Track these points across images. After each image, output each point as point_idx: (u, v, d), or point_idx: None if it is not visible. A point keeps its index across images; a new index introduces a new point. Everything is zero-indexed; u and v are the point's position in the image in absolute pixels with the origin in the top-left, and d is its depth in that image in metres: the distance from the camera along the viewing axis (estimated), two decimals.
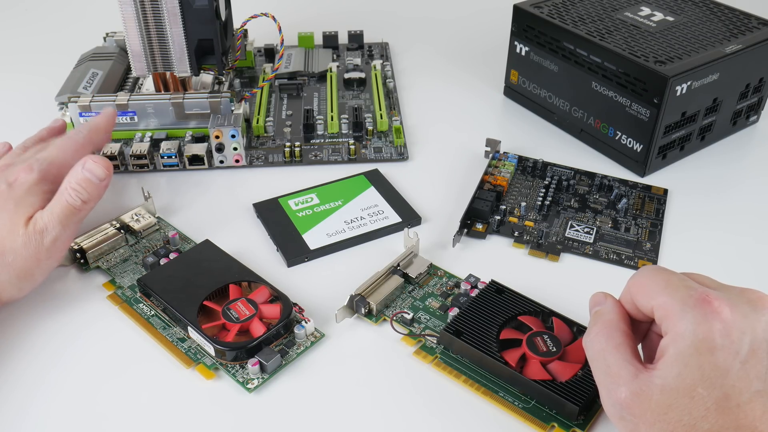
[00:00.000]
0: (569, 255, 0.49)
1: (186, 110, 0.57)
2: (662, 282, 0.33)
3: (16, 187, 0.43)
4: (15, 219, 0.42)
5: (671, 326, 0.31)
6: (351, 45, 0.75)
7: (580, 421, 0.37)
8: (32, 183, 0.44)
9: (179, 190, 0.55)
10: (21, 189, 0.43)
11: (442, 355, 0.41)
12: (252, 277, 0.44)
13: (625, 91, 0.54)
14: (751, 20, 0.59)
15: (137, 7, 0.54)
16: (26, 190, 0.43)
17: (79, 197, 0.43)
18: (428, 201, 0.53)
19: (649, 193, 0.54)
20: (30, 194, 0.43)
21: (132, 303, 0.44)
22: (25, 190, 0.43)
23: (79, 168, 0.44)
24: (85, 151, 0.48)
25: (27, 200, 0.43)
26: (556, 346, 0.39)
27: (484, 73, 0.71)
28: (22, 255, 0.41)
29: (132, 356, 0.41)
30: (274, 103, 0.65)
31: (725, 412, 0.29)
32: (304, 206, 0.52)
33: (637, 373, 0.31)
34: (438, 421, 0.38)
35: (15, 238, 0.41)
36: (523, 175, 0.56)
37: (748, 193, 0.55)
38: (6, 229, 0.42)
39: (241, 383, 0.39)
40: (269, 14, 0.61)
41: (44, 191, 0.44)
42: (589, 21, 0.59)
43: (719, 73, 0.54)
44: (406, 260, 0.46)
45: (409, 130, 0.63)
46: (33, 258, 0.42)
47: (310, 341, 0.42)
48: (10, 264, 0.41)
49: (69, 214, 0.43)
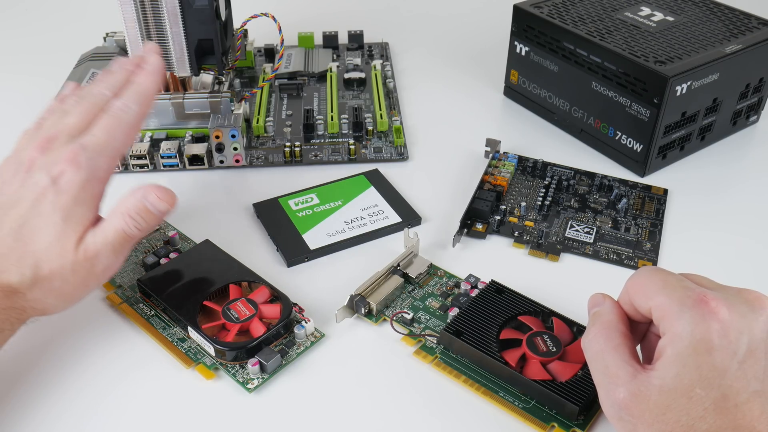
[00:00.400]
0: (569, 255, 0.49)
1: (186, 110, 0.57)
2: (660, 283, 0.33)
3: (63, 189, 0.38)
4: (64, 239, 0.38)
5: (669, 327, 0.31)
6: (351, 45, 0.75)
7: (580, 421, 0.37)
8: (80, 185, 0.39)
9: (179, 190, 0.54)
10: (68, 195, 0.38)
11: (442, 355, 0.41)
12: (252, 277, 0.44)
13: (625, 91, 0.54)
14: (751, 20, 0.59)
15: (137, 7, 0.54)
16: (74, 198, 0.39)
17: (136, 227, 0.40)
18: (428, 201, 0.54)
19: (649, 193, 0.54)
20: (78, 203, 0.39)
21: (132, 303, 0.44)
22: (73, 198, 0.39)
23: (140, 197, 0.40)
24: (135, 131, 0.42)
25: (76, 213, 0.39)
26: (556, 346, 0.39)
27: (484, 73, 0.71)
28: (69, 281, 0.38)
29: (132, 356, 0.41)
30: (274, 103, 0.65)
31: (723, 413, 0.29)
32: (304, 206, 0.52)
33: (636, 374, 0.31)
34: (438, 421, 0.38)
35: (64, 262, 0.38)
36: (523, 175, 0.56)
37: (748, 193, 0.55)
38: (54, 252, 0.38)
39: (241, 383, 0.39)
40: (269, 14, 0.61)
41: (93, 195, 0.40)
42: (589, 21, 0.59)
43: (719, 73, 0.54)
44: (406, 260, 0.46)
45: (409, 130, 0.63)
46: (81, 284, 0.39)
47: (310, 341, 0.42)
48: (58, 289, 0.38)
49: (123, 242, 0.39)
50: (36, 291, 0.38)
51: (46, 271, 0.38)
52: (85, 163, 0.39)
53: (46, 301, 0.39)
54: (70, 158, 0.39)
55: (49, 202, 0.38)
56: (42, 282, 0.38)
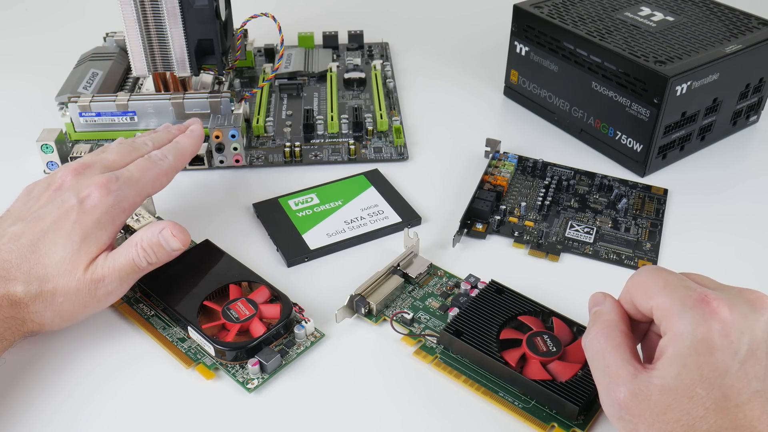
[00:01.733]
0: (569, 255, 0.49)
1: (186, 110, 0.57)
2: (661, 282, 0.33)
3: (87, 210, 0.40)
4: (76, 257, 0.39)
5: (670, 326, 0.31)
6: (351, 45, 0.75)
7: (580, 421, 0.37)
8: (104, 210, 0.40)
9: (179, 190, 0.55)
10: (91, 217, 0.40)
11: (442, 355, 0.41)
12: (252, 277, 0.44)
13: (625, 91, 0.54)
14: (751, 20, 0.59)
15: (137, 7, 0.54)
16: (96, 221, 0.40)
17: (146, 260, 0.41)
18: (428, 201, 0.54)
19: (649, 193, 0.54)
20: (99, 227, 0.40)
21: (132, 303, 0.44)
22: (96, 221, 0.40)
23: (156, 231, 0.41)
24: (167, 178, 0.45)
25: (94, 236, 0.40)
26: (556, 346, 0.39)
27: (484, 73, 0.71)
28: (71, 299, 0.39)
29: (132, 356, 0.41)
30: (274, 103, 0.65)
31: (724, 413, 0.29)
32: (304, 206, 0.52)
33: (636, 373, 0.31)
34: (438, 422, 0.38)
35: (70, 280, 0.39)
36: (523, 175, 0.56)
37: (748, 193, 0.55)
38: (64, 267, 0.39)
39: (241, 383, 0.39)
40: (269, 14, 0.61)
41: (114, 223, 0.41)
42: (589, 21, 0.59)
43: (719, 73, 0.54)
44: (406, 260, 0.46)
45: (409, 130, 0.63)
46: (82, 305, 0.40)
47: (310, 341, 0.42)
48: (59, 305, 0.39)
49: (131, 272, 0.40)
50: (38, 303, 0.39)
51: (51, 285, 0.39)
52: (114, 191, 0.41)
53: (45, 315, 0.39)
54: (101, 183, 0.41)
55: (71, 221, 0.40)
56: (45, 295, 0.39)
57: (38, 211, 0.41)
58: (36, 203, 0.42)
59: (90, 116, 0.56)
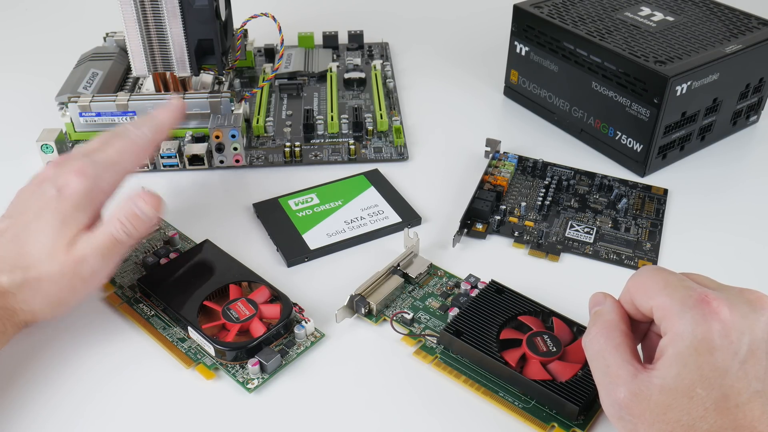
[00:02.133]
0: (569, 255, 0.49)
1: (186, 110, 0.57)
2: (661, 282, 0.33)
3: (66, 196, 0.40)
4: (57, 242, 0.39)
5: (670, 326, 0.31)
6: (351, 45, 0.75)
7: (580, 421, 0.37)
8: (83, 193, 0.41)
9: (179, 190, 0.55)
10: (70, 202, 0.40)
11: (442, 355, 0.41)
12: (252, 277, 0.44)
13: (625, 91, 0.54)
14: (751, 20, 0.59)
15: (137, 7, 0.54)
16: (74, 205, 0.40)
17: (124, 231, 0.40)
18: (428, 201, 0.54)
19: (649, 193, 0.54)
20: (78, 209, 0.40)
21: (132, 303, 0.44)
22: (74, 205, 0.40)
23: (130, 202, 0.41)
24: (147, 154, 0.46)
25: (73, 218, 0.40)
26: (556, 346, 0.39)
27: (484, 73, 0.71)
28: (57, 283, 0.39)
29: (132, 356, 0.41)
30: (274, 103, 0.65)
31: (724, 413, 0.29)
32: (304, 206, 0.52)
33: (636, 373, 0.31)
34: (438, 422, 0.38)
35: (53, 264, 0.39)
36: (523, 175, 0.56)
37: (748, 193, 0.55)
38: (46, 252, 0.39)
39: (241, 383, 0.39)
40: (269, 14, 0.61)
41: (94, 204, 0.41)
42: (589, 21, 0.59)
43: (719, 73, 0.54)
44: (406, 260, 0.46)
45: (409, 130, 0.63)
46: (68, 288, 0.40)
47: (310, 341, 0.42)
48: (45, 291, 0.39)
49: (111, 246, 0.40)
50: (25, 292, 0.39)
51: (35, 272, 0.39)
52: (90, 173, 0.41)
53: (34, 302, 0.39)
54: (77, 169, 0.41)
55: (51, 209, 0.40)
56: (30, 282, 0.39)
57: (21, 207, 0.42)
58: (21, 200, 0.43)
59: (90, 116, 0.56)
